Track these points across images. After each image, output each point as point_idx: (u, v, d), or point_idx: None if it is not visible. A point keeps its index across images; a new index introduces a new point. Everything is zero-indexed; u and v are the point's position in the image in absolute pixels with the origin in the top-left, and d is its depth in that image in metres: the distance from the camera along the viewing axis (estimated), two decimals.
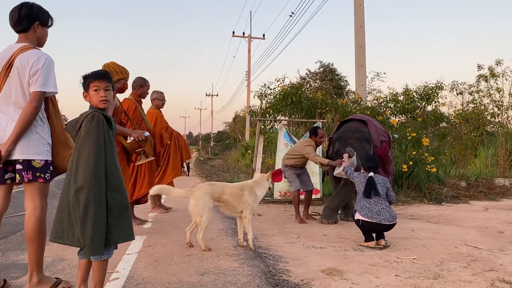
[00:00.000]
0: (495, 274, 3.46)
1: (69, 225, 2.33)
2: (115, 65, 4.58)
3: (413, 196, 8.85)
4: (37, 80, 2.64)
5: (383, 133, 6.54)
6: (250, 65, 29.96)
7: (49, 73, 2.69)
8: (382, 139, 6.42)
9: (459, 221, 6.34)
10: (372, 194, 4.55)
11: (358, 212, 4.53)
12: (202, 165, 21.98)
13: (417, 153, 9.20)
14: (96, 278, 2.40)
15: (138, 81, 5.54)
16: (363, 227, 4.52)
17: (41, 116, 2.73)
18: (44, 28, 2.90)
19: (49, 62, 2.71)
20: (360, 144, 5.96)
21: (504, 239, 4.94)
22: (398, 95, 10.80)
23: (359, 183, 4.74)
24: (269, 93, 10.48)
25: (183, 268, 3.41)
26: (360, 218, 4.48)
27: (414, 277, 3.34)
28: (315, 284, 3.12)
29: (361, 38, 11.91)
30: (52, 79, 2.72)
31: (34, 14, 2.81)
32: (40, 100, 2.66)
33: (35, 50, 2.74)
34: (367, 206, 4.51)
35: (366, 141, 6.04)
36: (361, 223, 4.50)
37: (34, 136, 2.68)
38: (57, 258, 3.65)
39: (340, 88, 23.38)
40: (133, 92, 5.52)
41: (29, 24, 2.80)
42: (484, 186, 10.32)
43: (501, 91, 12.11)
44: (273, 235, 5.00)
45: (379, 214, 4.44)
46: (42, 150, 2.71)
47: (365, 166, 4.88)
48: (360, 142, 5.97)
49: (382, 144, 6.35)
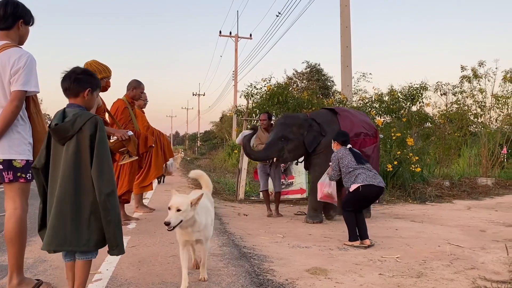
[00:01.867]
0: (476, 272, 3.51)
1: (72, 229, 2.30)
2: (97, 63, 4.55)
3: (398, 195, 8.94)
4: (18, 79, 2.59)
5: (364, 126, 6.27)
6: (237, 65, 29.93)
7: (30, 72, 2.64)
8: (361, 131, 6.15)
9: (442, 220, 6.43)
10: (363, 160, 4.65)
11: (354, 183, 4.50)
12: (189, 165, 21.87)
13: (401, 153, 9.30)
14: (81, 278, 2.39)
15: (133, 83, 5.68)
16: (361, 195, 4.47)
17: (22, 116, 2.68)
18: (27, 27, 2.87)
19: (31, 61, 2.66)
20: (277, 129, 5.97)
21: (485, 238, 5.02)
22: (383, 96, 10.91)
23: (344, 158, 4.68)
24: (255, 93, 10.49)
25: (167, 269, 3.39)
26: (360, 184, 4.44)
27: (398, 276, 3.37)
28: (300, 284, 3.13)
29: (347, 38, 11.98)
30: (34, 78, 2.67)
31: (19, 12, 2.77)
32: (21, 99, 2.61)
33: (17, 49, 2.69)
34: (363, 172, 4.52)
35: (286, 126, 5.94)
36: (360, 189, 4.44)
37: (15, 136, 2.63)
38: (39, 260, 3.59)
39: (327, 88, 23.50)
40: (126, 93, 5.61)
41: (13, 22, 2.76)
42: (467, 185, 10.49)
43: (484, 92, 12.33)
44: (259, 235, 5.00)
45: (375, 178, 4.51)
46: (23, 149, 2.66)
47: (339, 140, 4.91)
48: (279, 127, 5.98)
49: (359, 136, 6.12)
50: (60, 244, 2.30)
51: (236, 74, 29.77)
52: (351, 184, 4.54)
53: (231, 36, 30.24)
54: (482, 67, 12.31)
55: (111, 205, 2.31)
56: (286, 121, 6.10)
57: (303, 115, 6.33)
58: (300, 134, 5.93)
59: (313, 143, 5.91)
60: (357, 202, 4.55)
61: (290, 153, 5.98)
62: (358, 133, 6.10)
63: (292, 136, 5.91)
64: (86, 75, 2.53)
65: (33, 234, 4.35)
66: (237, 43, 30.10)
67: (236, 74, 29.78)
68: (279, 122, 6.17)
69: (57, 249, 2.35)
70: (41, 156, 2.44)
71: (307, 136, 5.91)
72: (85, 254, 2.38)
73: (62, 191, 2.30)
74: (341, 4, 12.10)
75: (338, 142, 4.93)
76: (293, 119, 6.13)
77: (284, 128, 5.97)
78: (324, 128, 6.00)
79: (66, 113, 2.40)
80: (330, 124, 6.06)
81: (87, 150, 2.34)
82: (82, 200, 2.32)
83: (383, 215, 6.97)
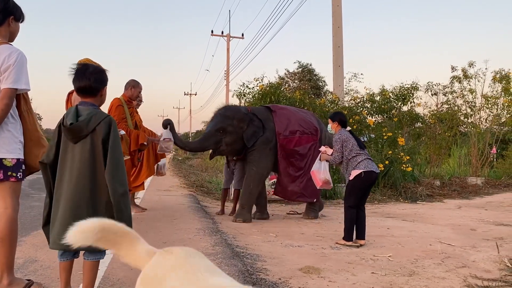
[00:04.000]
0: (467, 271, 3.55)
1: None
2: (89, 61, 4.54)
3: (389, 194, 9.00)
4: (9, 77, 2.55)
5: (301, 124, 6.03)
6: (229, 65, 29.87)
7: (21, 70, 2.60)
8: (296, 129, 5.95)
9: (433, 219, 6.48)
10: (363, 145, 4.62)
11: (356, 169, 4.42)
12: (180, 165, 21.78)
13: (393, 152, 9.36)
14: (90, 278, 2.38)
15: (131, 83, 5.79)
16: (362, 182, 4.42)
17: (12, 114, 2.64)
18: (17, 23, 2.83)
19: (22, 58, 2.62)
20: (217, 120, 5.85)
21: (476, 236, 5.07)
22: (374, 96, 10.97)
23: (348, 140, 4.54)
24: (247, 93, 10.48)
25: None
26: (362, 170, 4.38)
27: (390, 274, 3.39)
28: (293, 283, 3.13)
29: (339, 38, 12.03)
30: (25, 76, 2.62)
31: (10, 9, 2.73)
32: (11, 97, 2.57)
33: (7, 45, 2.65)
34: (366, 158, 4.47)
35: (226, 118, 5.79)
36: (363, 175, 4.38)
37: (6, 134, 2.59)
38: (29, 259, 3.55)
39: (318, 88, 23.58)
40: (124, 93, 5.70)
41: (4, 18, 2.71)
42: (457, 185, 10.60)
43: (474, 92, 12.44)
44: (252, 234, 5.00)
45: (373, 165, 4.52)
46: (13, 148, 2.63)
47: (337, 119, 4.74)
48: (217, 118, 5.86)
49: (294, 134, 5.92)
50: None
51: (228, 74, 29.72)
52: (352, 170, 4.45)
53: (223, 35, 30.13)
54: (472, 67, 12.42)
55: (124, 205, 2.32)
56: (227, 113, 5.86)
57: (244, 109, 6.15)
58: (239, 127, 5.75)
59: (252, 139, 5.77)
60: (359, 191, 4.46)
61: (227, 146, 5.79)
62: (293, 131, 5.94)
63: (231, 129, 5.73)
64: (103, 73, 2.51)
65: (23, 234, 4.32)
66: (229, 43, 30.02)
67: (228, 73, 29.73)
68: (219, 113, 5.92)
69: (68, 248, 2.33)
70: (50, 152, 2.42)
71: (247, 131, 5.76)
72: (94, 254, 2.37)
73: (79, 189, 2.30)
74: (333, 4, 12.15)
75: (337, 122, 4.74)
76: (234, 111, 5.90)
77: (223, 119, 5.78)
78: (265, 124, 5.90)
79: (79, 111, 2.37)
80: (266, 122, 5.95)
81: (100, 150, 2.34)
82: (98, 199, 2.34)
83: (374, 214, 7.01)
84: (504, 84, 12.08)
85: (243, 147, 5.86)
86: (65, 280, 2.40)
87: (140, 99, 6.35)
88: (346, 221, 4.50)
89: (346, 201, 4.58)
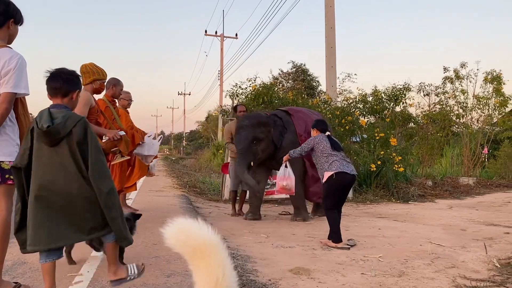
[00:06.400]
0: (456, 271, 3.57)
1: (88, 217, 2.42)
2: (93, 65, 4.59)
3: (381, 195, 9.03)
4: (9, 81, 2.57)
5: None
6: (222, 64, 29.85)
7: (21, 74, 2.62)
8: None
9: (425, 219, 6.51)
10: (339, 147, 4.68)
11: (328, 170, 4.51)
12: (174, 165, 21.74)
13: (385, 152, 9.40)
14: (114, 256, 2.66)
15: (111, 81, 5.62)
16: (335, 183, 4.47)
17: (10, 117, 2.67)
18: (16, 26, 2.87)
19: (22, 63, 2.64)
20: (246, 132, 5.91)
21: (466, 237, 5.10)
22: (367, 96, 11.00)
23: (320, 143, 4.70)
24: (240, 93, 10.47)
25: (149, 270, 3.36)
26: (333, 172, 4.45)
27: (380, 275, 3.40)
28: (282, 284, 3.13)
29: (331, 39, 12.05)
30: (24, 80, 2.65)
31: (10, 12, 2.75)
32: (11, 101, 2.59)
33: (7, 49, 2.66)
34: (338, 160, 4.54)
35: (254, 127, 5.92)
36: (334, 177, 4.45)
37: (4, 138, 2.61)
38: (18, 262, 3.52)
39: (312, 89, 23.58)
40: (106, 93, 5.55)
41: (4, 21, 2.73)
42: (449, 185, 10.66)
43: (466, 92, 12.52)
44: (243, 235, 5.00)
45: (348, 166, 4.54)
46: (11, 151, 2.63)
47: (319, 128, 4.93)
48: (246, 130, 5.93)
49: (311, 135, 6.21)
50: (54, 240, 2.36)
51: (221, 74, 29.70)
52: (325, 172, 4.54)
53: (216, 35, 30.12)
54: (464, 68, 12.50)
55: (112, 203, 2.39)
56: (252, 122, 6.01)
57: (264, 113, 6.33)
58: (268, 132, 5.96)
59: (280, 138, 6.02)
60: (334, 193, 4.53)
61: (263, 153, 6.00)
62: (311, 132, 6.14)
63: (262, 135, 5.91)
64: (76, 77, 2.55)
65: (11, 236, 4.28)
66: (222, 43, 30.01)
67: (221, 73, 29.71)
68: (243, 125, 6.04)
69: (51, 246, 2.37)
70: (24, 155, 2.41)
71: (274, 133, 5.98)
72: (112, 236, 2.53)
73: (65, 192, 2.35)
74: (326, 5, 12.17)
75: (317, 129, 4.96)
76: (257, 118, 6.06)
77: (252, 129, 5.93)
78: (285, 124, 6.12)
79: (52, 114, 2.37)
80: (287, 124, 6.18)
81: (78, 151, 2.36)
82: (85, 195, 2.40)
83: (366, 214, 7.03)
84: (495, 85, 12.17)
85: (274, 149, 6.06)
86: (50, 283, 2.39)
87: (130, 97, 6.33)
88: (330, 223, 4.53)
89: (323, 204, 4.70)
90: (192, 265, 1.03)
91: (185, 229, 1.03)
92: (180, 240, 1.03)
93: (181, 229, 1.03)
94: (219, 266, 1.01)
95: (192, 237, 1.02)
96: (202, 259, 1.01)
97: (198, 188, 10.36)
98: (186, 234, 1.02)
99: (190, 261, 1.03)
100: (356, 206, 7.97)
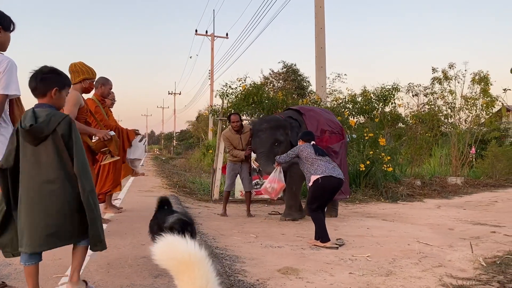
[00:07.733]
0: (443, 270, 3.60)
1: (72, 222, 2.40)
2: (82, 64, 4.57)
3: (370, 194, 9.08)
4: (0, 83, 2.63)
5: (329, 124, 6.48)
6: (213, 64, 29.79)
7: (11, 76, 2.71)
8: (326, 129, 6.38)
9: (413, 218, 6.56)
10: (323, 153, 4.78)
11: (314, 174, 4.59)
12: (164, 165, 21.61)
13: (374, 152, 9.44)
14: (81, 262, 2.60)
15: (100, 80, 5.62)
16: (321, 187, 4.54)
17: (4, 118, 2.78)
18: (6, 33, 2.92)
19: (11, 66, 2.73)
20: (266, 135, 5.99)
21: (453, 236, 5.15)
22: (356, 96, 11.04)
23: (304, 150, 4.81)
24: (230, 93, 10.44)
25: (137, 271, 3.34)
26: (319, 176, 4.53)
27: (367, 275, 3.42)
28: (270, 284, 3.13)
29: (321, 39, 12.08)
30: (14, 82, 2.72)
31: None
32: (2, 102, 2.69)
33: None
34: (322, 164, 4.62)
35: (274, 129, 6.01)
36: (320, 181, 4.52)
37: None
38: (3, 263, 3.47)
39: (303, 89, 23.63)
40: (95, 92, 5.54)
41: None
42: (437, 184, 10.74)
43: (454, 93, 12.63)
44: (232, 235, 4.99)
45: (334, 170, 4.60)
46: None
47: (304, 139, 5.04)
48: (266, 132, 6.01)
49: (324, 133, 6.34)
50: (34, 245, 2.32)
51: (212, 73, 29.63)
52: (311, 175, 4.62)
53: (207, 35, 30.05)
54: (452, 69, 12.60)
55: (93, 202, 2.39)
56: (271, 124, 6.08)
57: (279, 117, 6.45)
58: (286, 134, 6.08)
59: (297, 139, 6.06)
60: (320, 196, 4.59)
61: None
62: (323, 130, 6.34)
63: (282, 137, 6.04)
64: (53, 74, 2.50)
65: None
66: (213, 42, 29.95)
67: (212, 73, 29.64)
68: (261, 128, 6.09)
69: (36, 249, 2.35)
70: (10, 156, 2.39)
71: (292, 135, 6.08)
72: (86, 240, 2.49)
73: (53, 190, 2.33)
74: (316, 5, 12.20)
75: (303, 140, 5.07)
76: (276, 121, 6.17)
77: (272, 132, 6.00)
78: (300, 124, 6.24)
79: (36, 113, 2.35)
80: (300, 123, 6.30)
81: (65, 149, 2.36)
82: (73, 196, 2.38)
83: (355, 214, 7.06)
84: (483, 86, 12.29)
85: None
86: (33, 285, 2.36)
87: (113, 97, 6.30)
88: (316, 224, 4.56)
89: (308, 206, 4.75)
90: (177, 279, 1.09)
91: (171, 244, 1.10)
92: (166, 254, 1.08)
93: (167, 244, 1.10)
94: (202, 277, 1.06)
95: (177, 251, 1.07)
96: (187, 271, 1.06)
97: (188, 188, 10.31)
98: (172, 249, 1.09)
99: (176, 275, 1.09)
100: (345, 206, 8.00)
